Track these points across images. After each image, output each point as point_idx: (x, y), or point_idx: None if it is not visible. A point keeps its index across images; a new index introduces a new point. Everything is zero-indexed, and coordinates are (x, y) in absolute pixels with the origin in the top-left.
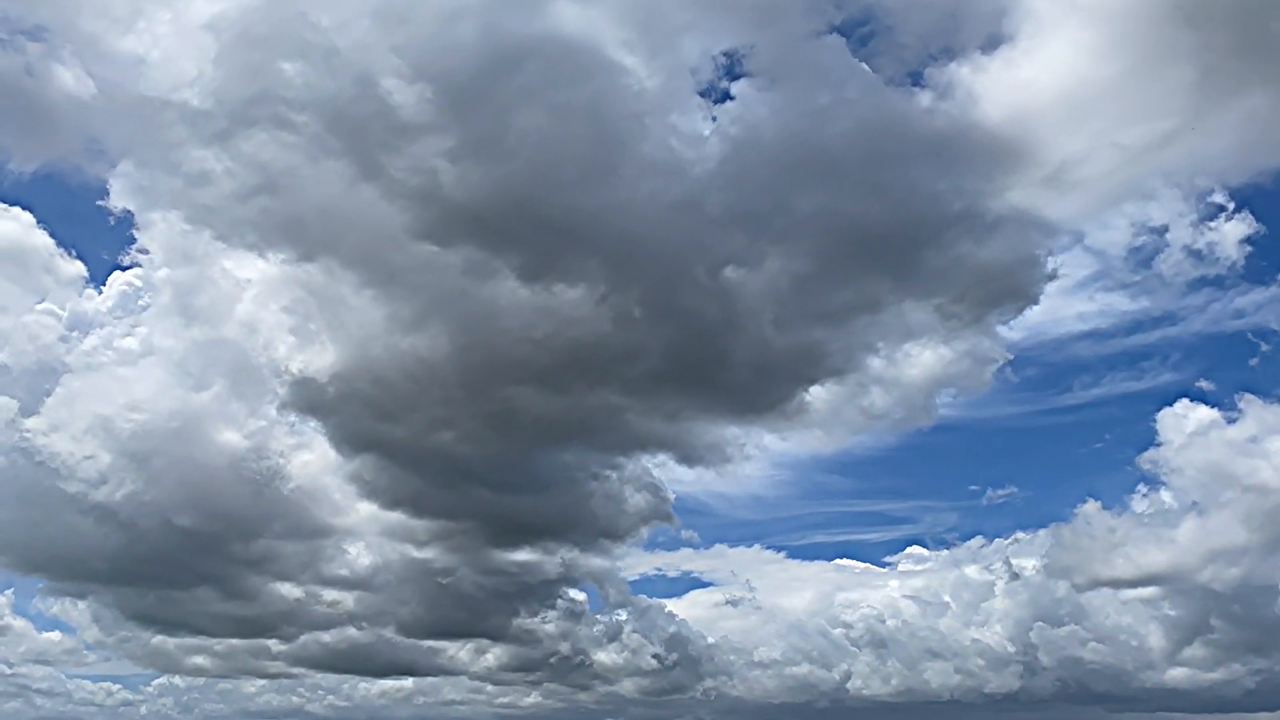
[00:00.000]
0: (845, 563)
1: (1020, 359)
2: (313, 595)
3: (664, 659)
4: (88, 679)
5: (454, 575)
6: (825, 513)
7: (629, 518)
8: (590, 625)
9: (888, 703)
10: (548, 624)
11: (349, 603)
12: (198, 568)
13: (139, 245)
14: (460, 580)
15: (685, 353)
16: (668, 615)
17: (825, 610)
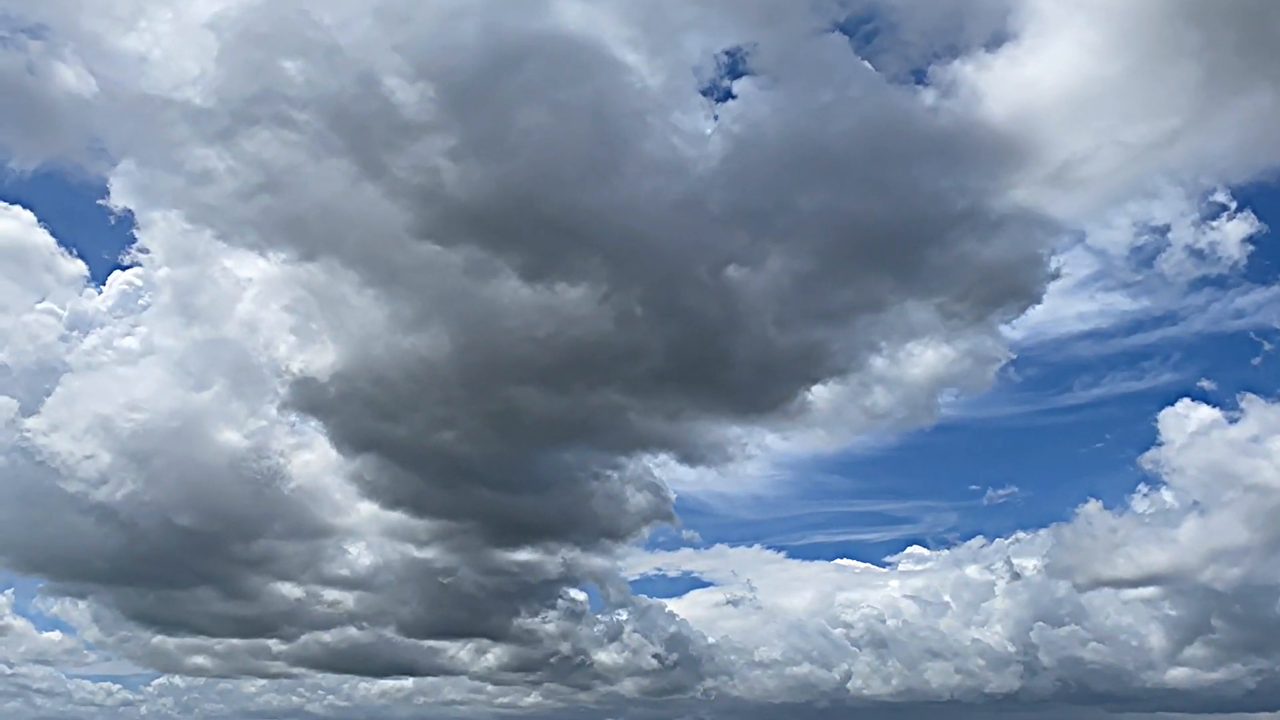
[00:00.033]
0: (846, 563)
1: (1021, 359)
2: (313, 595)
3: (664, 659)
4: (88, 679)
5: (455, 575)
6: (825, 513)
7: (630, 517)
8: (591, 625)
9: (888, 703)
10: (548, 624)
11: (349, 603)
12: (198, 568)
13: (140, 244)
14: (461, 580)
15: (687, 352)
16: (668, 615)
17: (826, 610)
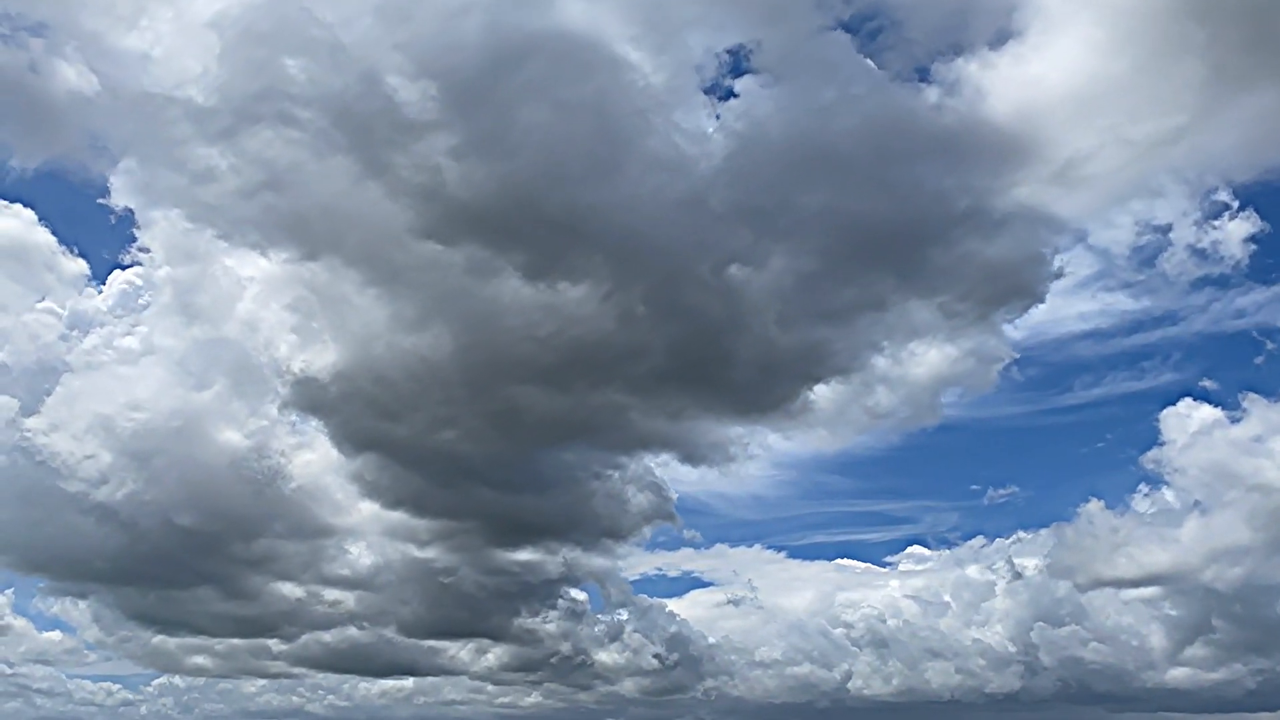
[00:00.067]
0: (846, 562)
1: (1022, 358)
2: (314, 595)
3: (665, 659)
4: (88, 679)
5: (455, 575)
6: (826, 513)
7: (631, 517)
8: (591, 625)
9: (888, 703)
10: (549, 624)
11: (350, 602)
12: (198, 567)
13: (140, 243)
14: (461, 580)
15: (689, 351)
16: (669, 615)
17: (826, 610)
